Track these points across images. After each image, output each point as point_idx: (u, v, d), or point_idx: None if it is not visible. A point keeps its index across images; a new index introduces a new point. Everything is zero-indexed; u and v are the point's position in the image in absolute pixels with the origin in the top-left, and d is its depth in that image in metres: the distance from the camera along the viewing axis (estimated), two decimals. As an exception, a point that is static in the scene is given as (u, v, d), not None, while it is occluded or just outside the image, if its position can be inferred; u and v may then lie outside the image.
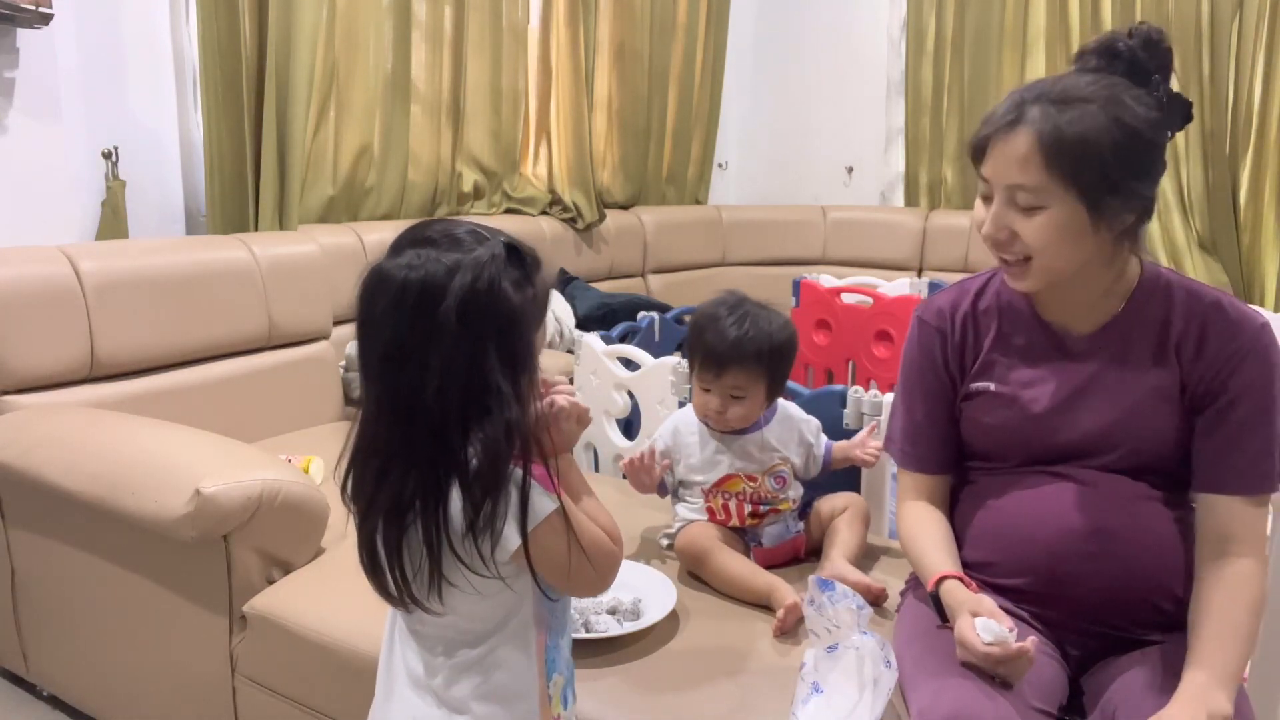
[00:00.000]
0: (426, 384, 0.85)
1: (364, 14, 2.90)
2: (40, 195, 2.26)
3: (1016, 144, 1.08)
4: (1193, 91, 3.74)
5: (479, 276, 0.85)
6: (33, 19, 2.12)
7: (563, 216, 3.70)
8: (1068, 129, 1.05)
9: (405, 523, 0.88)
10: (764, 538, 1.54)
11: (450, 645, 0.96)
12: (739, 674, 1.24)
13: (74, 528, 1.69)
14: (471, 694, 0.95)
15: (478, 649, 0.95)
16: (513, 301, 0.86)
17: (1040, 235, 1.09)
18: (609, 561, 0.96)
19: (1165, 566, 1.12)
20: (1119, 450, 1.15)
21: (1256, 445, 1.10)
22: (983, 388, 1.23)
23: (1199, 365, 1.12)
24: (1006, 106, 1.11)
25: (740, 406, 1.50)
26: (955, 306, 1.27)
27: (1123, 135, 1.06)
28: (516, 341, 0.87)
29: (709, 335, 1.49)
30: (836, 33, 4.66)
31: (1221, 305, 1.13)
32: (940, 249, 4.26)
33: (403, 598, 0.91)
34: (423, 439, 0.86)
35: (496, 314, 0.86)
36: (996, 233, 1.12)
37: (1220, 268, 3.80)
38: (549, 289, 0.94)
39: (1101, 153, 1.05)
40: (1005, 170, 1.09)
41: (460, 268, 0.85)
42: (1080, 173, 1.06)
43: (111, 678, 1.73)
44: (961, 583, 1.13)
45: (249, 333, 2.29)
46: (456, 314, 0.84)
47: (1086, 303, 1.18)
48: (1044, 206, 1.08)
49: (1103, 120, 1.05)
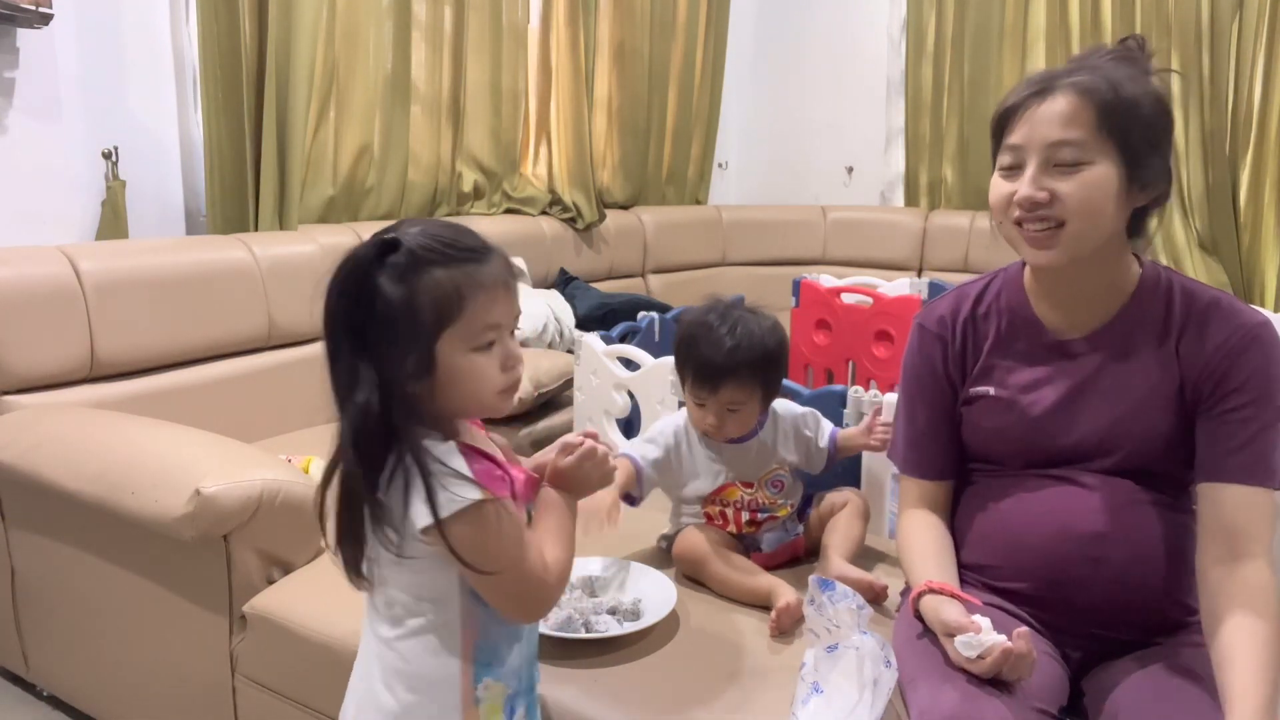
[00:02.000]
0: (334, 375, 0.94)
1: (364, 14, 2.90)
2: (40, 195, 2.26)
3: (1057, 103, 1.09)
4: (1193, 91, 3.74)
5: (338, 279, 0.93)
6: (33, 19, 2.12)
7: (563, 216, 3.70)
8: (1110, 87, 1.08)
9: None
10: (763, 544, 1.53)
11: (387, 620, 0.99)
12: (739, 674, 1.24)
13: (74, 528, 1.69)
14: (394, 673, 0.98)
15: (400, 627, 0.98)
16: (385, 294, 0.90)
17: (1081, 192, 1.08)
18: (533, 588, 0.97)
19: (1166, 570, 1.12)
20: (1119, 453, 1.14)
21: (1259, 438, 1.10)
22: (982, 392, 1.23)
23: (1199, 364, 1.12)
24: (1033, 79, 1.12)
25: (737, 418, 1.47)
26: (955, 312, 1.27)
27: (1159, 105, 1.10)
28: (380, 329, 0.90)
29: (703, 347, 1.44)
30: (836, 33, 4.66)
31: (1220, 304, 1.13)
32: (940, 249, 4.26)
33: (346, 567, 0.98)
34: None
35: (352, 311, 0.91)
36: (1036, 193, 1.09)
37: (1220, 268, 3.80)
38: (470, 284, 0.94)
39: (1145, 113, 1.09)
40: (1046, 129, 1.09)
41: (334, 275, 0.93)
42: (1128, 129, 1.08)
43: (111, 678, 1.73)
44: (938, 593, 1.12)
45: (249, 333, 2.29)
46: (326, 314, 0.93)
47: (1086, 303, 1.18)
48: (1087, 163, 1.08)
49: (1143, 83, 1.10)
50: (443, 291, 0.92)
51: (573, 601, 1.36)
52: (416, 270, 0.91)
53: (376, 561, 0.97)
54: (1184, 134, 3.81)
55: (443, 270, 0.92)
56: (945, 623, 1.07)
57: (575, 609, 1.33)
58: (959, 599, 1.10)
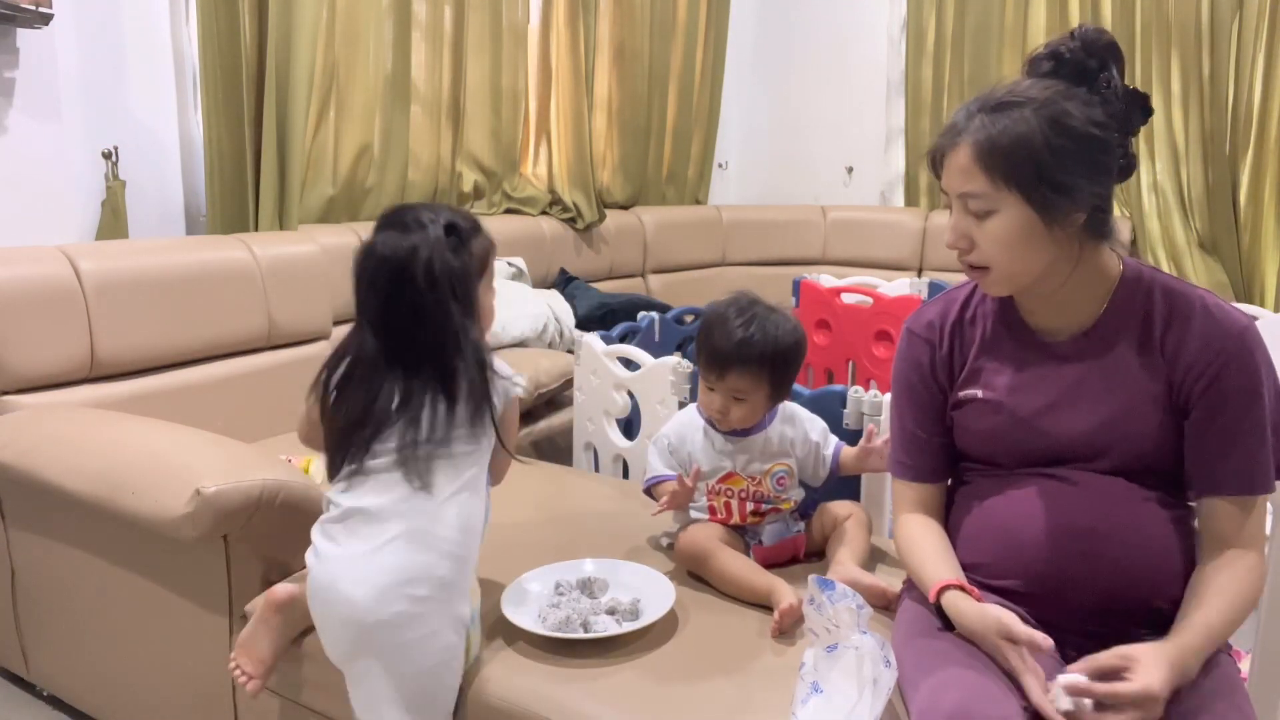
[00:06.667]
0: (421, 326, 1.24)
1: (364, 14, 2.90)
2: (40, 195, 2.26)
3: (959, 155, 1.13)
4: (1193, 91, 3.74)
5: (429, 254, 1.24)
6: (33, 19, 2.12)
7: (563, 216, 3.70)
8: (1000, 136, 1.09)
9: (420, 411, 1.24)
10: (764, 536, 1.54)
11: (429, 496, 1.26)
12: (738, 674, 1.24)
13: (74, 528, 1.69)
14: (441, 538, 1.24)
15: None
16: (453, 265, 1.24)
17: (994, 240, 1.12)
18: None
19: (1160, 567, 1.12)
20: (1110, 452, 1.15)
21: (1248, 446, 1.11)
22: (970, 395, 1.23)
23: (1180, 366, 1.13)
24: (955, 119, 1.15)
25: (742, 408, 1.51)
26: (944, 316, 1.28)
27: (1058, 135, 1.09)
28: (468, 291, 1.27)
29: (716, 335, 1.51)
30: (836, 33, 4.66)
31: (1205, 305, 1.14)
32: (940, 249, 4.25)
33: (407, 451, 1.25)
34: (419, 358, 1.25)
35: (449, 275, 1.24)
36: (957, 241, 1.16)
37: (1220, 268, 3.80)
38: (488, 244, 1.33)
39: (1035, 154, 1.08)
40: (955, 180, 1.14)
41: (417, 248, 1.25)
42: (1018, 175, 1.09)
43: (111, 678, 1.73)
44: (964, 591, 1.13)
45: (249, 333, 2.29)
46: (424, 280, 1.23)
47: (1065, 304, 1.19)
48: (994, 211, 1.12)
49: (1035, 123, 1.09)
50: (482, 251, 1.31)
51: (571, 602, 1.36)
52: (466, 242, 1.28)
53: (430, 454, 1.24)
54: (1184, 134, 3.81)
55: (477, 239, 1.30)
56: (1009, 628, 1.05)
57: (574, 609, 1.33)
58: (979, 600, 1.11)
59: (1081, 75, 1.13)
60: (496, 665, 1.27)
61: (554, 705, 1.19)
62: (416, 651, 1.19)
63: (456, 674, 1.24)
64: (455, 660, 1.23)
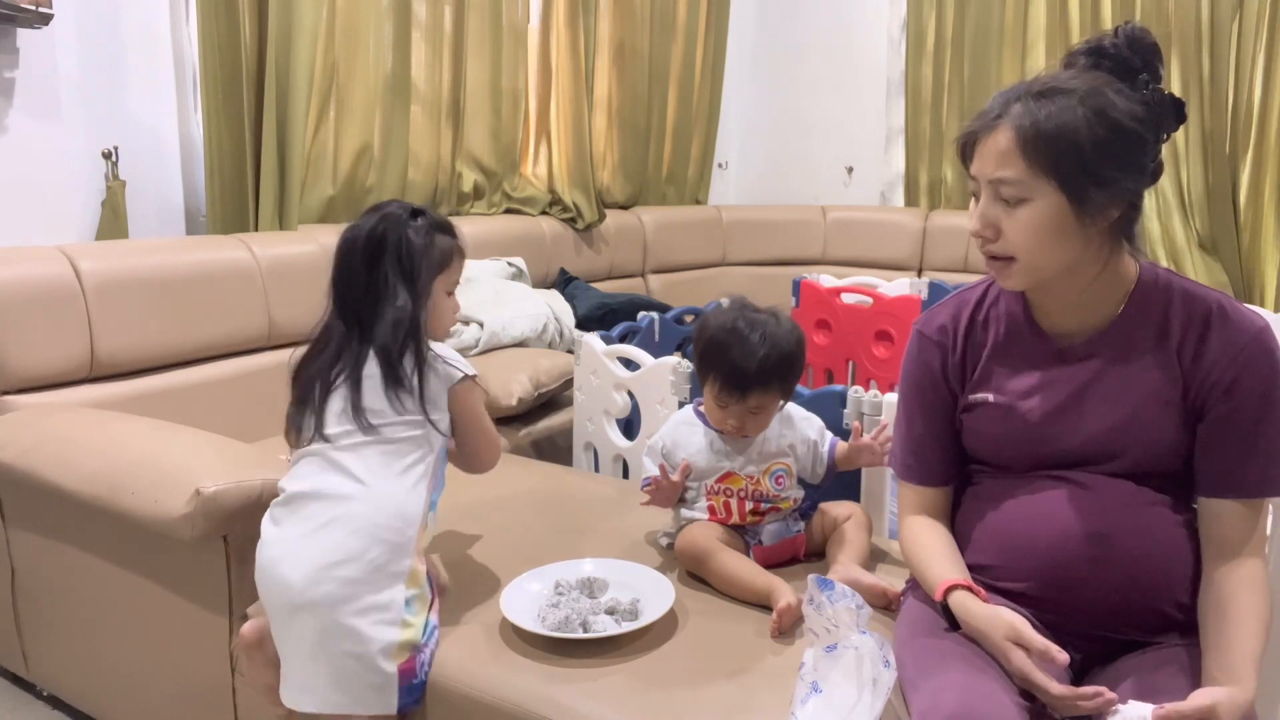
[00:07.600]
0: (366, 293, 1.33)
1: (364, 14, 2.90)
2: (40, 195, 2.26)
3: (998, 139, 1.09)
4: (1193, 91, 3.74)
5: (385, 226, 1.34)
6: (33, 19, 2.13)
7: (563, 216, 3.70)
8: (1045, 121, 1.06)
9: (360, 374, 1.32)
10: (764, 535, 1.54)
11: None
12: (738, 674, 1.24)
13: (74, 528, 1.69)
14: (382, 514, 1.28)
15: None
16: (406, 238, 1.33)
17: (1024, 229, 1.10)
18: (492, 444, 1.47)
19: (1169, 571, 1.12)
20: (1122, 456, 1.14)
21: (1261, 450, 1.10)
22: (981, 398, 1.22)
23: (1199, 370, 1.12)
24: (992, 104, 1.12)
25: (759, 420, 1.52)
26: (956, 319, 1.27)
27: (1102, 126, 1.06)
28: (415, 268, 1.34)
29: (736, 355, 1.46)
30: (836, 33, 4.66)
31: (1222, 308, 1.13)
32: (940, 249, 4.26)
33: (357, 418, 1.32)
34: (362, 337, 1.33)
35: (399, 246, 1.33)
36: (983, 229, 1.13)
37: (1220, 268, 3.80)
38: (452, 246, 1.40)
39: (1079, 143, 1.06)
40: (989, 165, 1.10)
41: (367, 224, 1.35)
42: (1059, 163, 1.06)
43: (111, 678, 1.73)
44: (971, 592, 1.13)
45: (249, 333, 2.29)
46: (374, 245, 1.33)
47: (1082, 306, 1.17)
48: (1028, 199, 1.09)
49: (1081, 112, 1.06)
50: (445, 247, 1.38)
51: (571, 602, 1.36)
52: (430, 231, 1.36)
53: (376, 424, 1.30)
54: (1184, 134, 3.81)
55: (444, 237, 1.39)
56: (1020, 633, 1.05)
57: (573, 609, 1.33)
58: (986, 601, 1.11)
59: (1124, 72, 1.11)
60: (496, 665, 1.27)
61: (554, 705, 1.19)
62: (347, 633, 1.20)
63: (392, 657, 1.22)
64: (389, 643, 1.22)
